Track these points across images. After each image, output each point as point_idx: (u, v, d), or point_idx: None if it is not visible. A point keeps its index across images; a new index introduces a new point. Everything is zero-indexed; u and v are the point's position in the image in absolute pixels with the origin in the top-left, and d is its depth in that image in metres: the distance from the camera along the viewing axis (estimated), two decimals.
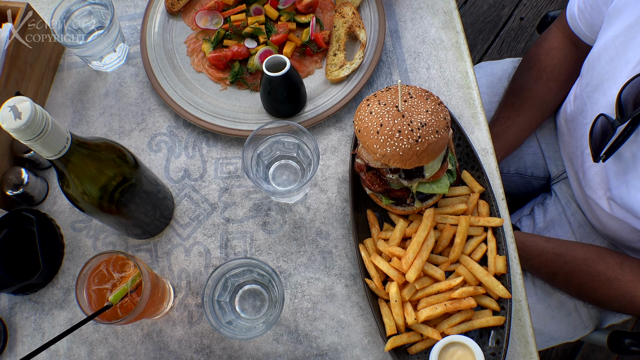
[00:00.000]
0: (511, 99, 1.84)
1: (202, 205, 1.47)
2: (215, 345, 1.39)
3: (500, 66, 1.99)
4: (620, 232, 1.62)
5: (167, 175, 1.50)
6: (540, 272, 1.70)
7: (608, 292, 1.56)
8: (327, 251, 1.44)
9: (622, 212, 1.49)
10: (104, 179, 1.20)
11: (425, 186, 1.38)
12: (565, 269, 1.63)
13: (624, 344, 1.66)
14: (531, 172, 1.98)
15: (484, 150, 1.51)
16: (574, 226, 1.81)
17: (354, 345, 1.39)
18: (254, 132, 1.33)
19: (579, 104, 1.62)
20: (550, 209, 1.86)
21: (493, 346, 1.36)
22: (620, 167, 1.45)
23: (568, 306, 1.78)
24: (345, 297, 1.41)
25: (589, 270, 1.59)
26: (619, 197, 1.46)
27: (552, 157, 1.93)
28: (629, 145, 1.41)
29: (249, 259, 1.27)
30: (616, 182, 1.47)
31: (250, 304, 1.39)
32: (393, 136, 1.25)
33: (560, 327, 1.79)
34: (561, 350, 2.81)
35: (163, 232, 1.46)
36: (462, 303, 1.33)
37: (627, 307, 1.55)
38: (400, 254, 1.34)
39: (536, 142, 1.95)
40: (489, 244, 1.40)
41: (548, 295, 1.77)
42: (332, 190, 1.48)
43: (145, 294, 1.21)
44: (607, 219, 1.62)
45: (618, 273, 1.55)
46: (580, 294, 1.64)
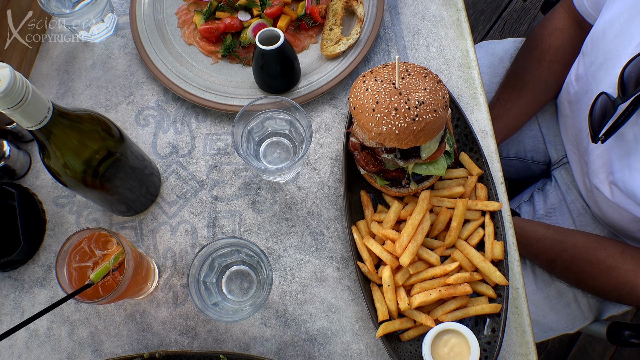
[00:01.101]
0: (512, 81, 1.79)
1: (190, 182, 1.42)
2: (201, 327, 1.34)
3: (502, 46, 1.94)
4: (620, 221, 1.57)
5: (154, 151, 1.44)
6: (539, 259, 1.65)
7: (607, 280, 1.51)
8: (319, 233, 1.39)
9: (624, 198, 1.44)
10: (88, 152, 1.15)
11: (421, 167, 1.32)
12: (564, 256, 1.58)
13: (623, 335, 1.62)
14: (531, 156, 1.93)
15: (483, 132, 1.45)
16: (574, 214, 1.76)
17: (345, 331, 1.34)
18: (245, 107, 1.27)
19: (584, 84, 1.57)
20: (551, 195, 1.81)
21: (489, 335, 1.31)
22: (622, 150, 1.41)
23: (567, 296, 1.73)
24: (336, 281, 1.36)
25: (589, 258, 1.54)
26: (622, 180, 1.41)
27: (552, 141, 1.88)
28: (631, 126, 1.36)
29: (237, 238, 1.22)
30: (619, 165, 1.42)
31: (238, 285, 1.34)
32: (389, 114, 1.20)
33: (559, 318, 1.75)
34: (557, 342, 2.78)
35: (149, 209, 1.40)
36: (458, 289, 1.29)
37: (626, 297, 1.50)
38: (394, 237, 1.29)
39: (537, 126, 1.89)
40: (487, 228, 1.35)
41: (547, 285, 1.73)
42: (325, 169, 1.43)
43: (127, 273, 1.16)
44: (608, 207, 1.57)
45: (618, 261, 1.51)
46: (579, 282, 1.59)
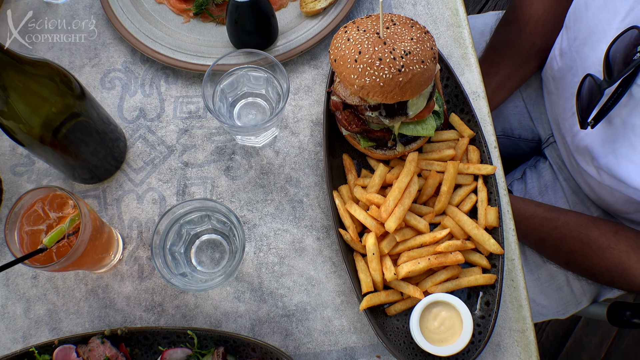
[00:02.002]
0: (490, 55, 1.70)
1: (158, 147, 1.31)
2: (168, 303, 1.23)
3: (482, 20, 1.84)
4: (614, 203, 1.47)
5: (120, 115, 1.33)
6: (528, 238, 1.54)
7: (599, 261, 1.41)
8: (297, 200, 1.28)
9: (613, 181, 1.35)
10: (45, 106, 1.05)
11: (408, 127, 1.22)
12: (554, 235, 1.48)
13: (625, 316, 1.52)
14: (518, 134, 1.83)
15: (475, 94, 1.36)
16: (567, 192, 1.66)
17: (325, 305, 1.23)
18: (217, 61, 1.17)
19: (568, 60, 1.47)
20: (544, 173, 1.71)
21: (482, 308, 1.21)
22: (608, 135, 1.31)
23: (559, 280, 1.63)
24: (316, 252, 1.26)
25: (581, 237, 1.44)
26: (607, 166, 1.32)
27: (539, 119, 1.78)
28: (619, 109, 1.26)
29: (206, 200, 1.11)
30: (603, 151, 1.32)
31: (209, 256, 1.22)
32: (373, 65, 1.10)
33: (549, 302, 1.65)
34: (552, 334, 2.68)
35: (113, 176, 1.29)
36: (448, 258, 1.18)
37: (618, 280, 1.40)
38: (379, 202, 1.19)
39: (522, 102, 1.80)
40: (480, 194, 1.25)
41: (538, 267, 1.63)
42: (305, 133, 1.32)
43: (84, 236, 1.05)
44: (599, 188, 1.47)
45: (612, 241, 1.41)
46: (569, 263, 1.49)
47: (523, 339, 1.22)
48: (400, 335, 1.20)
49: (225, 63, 1.20)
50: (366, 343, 1.22)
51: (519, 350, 1.22)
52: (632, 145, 1.24)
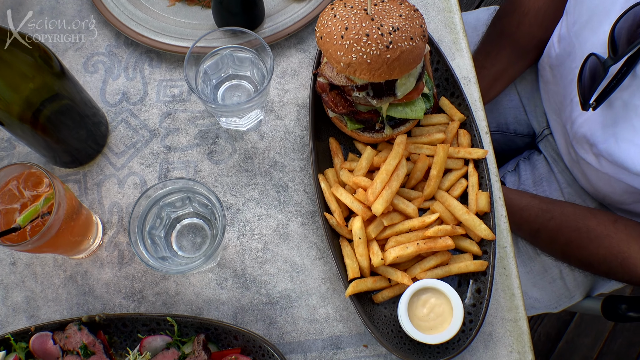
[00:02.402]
0: (487, 46, 1.67)
1: (141, 131, 1.28)
2: (148, 290, 1.19)
3: (474, 15, 1.82)
4: (612, 193, 1.43)
5: (102, 99, 1.30)
6: (522, 229, 1.50)
7: (597, 250, 1.36)
8: (282, 185, 1.25)
9: (612, 167, 1.30)
10: (22, 82, 1.02)
11: (397, 109, 1.19)
12: (550, 226, 1.43)
13: (620, 309, 1.46)
14: (514, 128, 1.79)
15: (466, 79, 1.32)
16: (562, 185, 1.62)
17: (310, 293, 1.19)
18: (201, 37, 1.15)
19: (566, 46, 1.44)
20: (539, 165, 1.67)
21: (473, 296, 1.16)
22: (608, 119, 1.28)
23: (552, 273, 1.58)
24: (301, 237, 1.22)
25: (578, 226, 1.39)
26: (607, 152, 1.27)
27: (533, 112, 1.74)
28: (620, 92, 1.23)
29: (186, 179, 1.07)
30: (603, 136, 1.28)
31: (190, 240, 1.18)
32: (360, 41, 1.07)
33: (542, 295, 1.60)
34: (544, 335, 2.63)
35: (94, 160, 1.26)
36: (438, 243, 1.14)
37: (616, 270, 1.35)
38: (366, 185, 1.15)
39: (517, 96, 1.76)
40: (470, 179, 1.21)
41: (531, 259, 1.58)
42: (291, 117, 1.29)
43: (58, 214, 1.01)
44: (597, 179, 1.43)
45: (611, 230, 1.36)
46: (565, 254, 1.44)
47: (516, 329, 1.18)
48: (388, 324, 1.16)
49: (207, 45, 1.17)
50: (353, 332, 1.17)
51: (512, 340, 1.17)
52: (634, 127, 1.20)
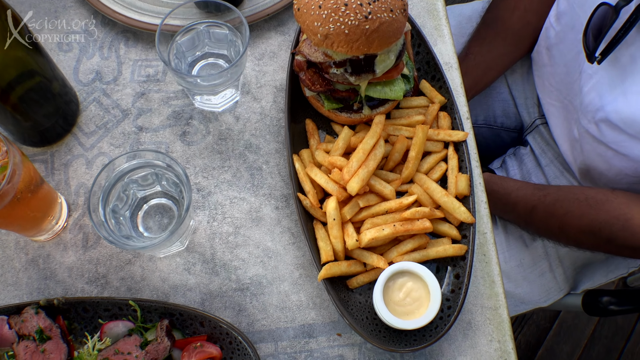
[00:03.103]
0: (483, 32, 1.65)
1: (113, 111, 1.24)
2: (113, 275, 1.13)
3: (470, 7, 1.80)
4: (608, 171, 1.39)
5: (75, 78, 1.27)
6: (517, 209, 1.44)
7: (598, 215, 1.31)
8: (256, 167, 1.20)
9: (614, 134, 1.28)
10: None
11: (376, 89, 1.16)
12: (547, 200, 1.39)
13: (601, 303, 1.40)
14: (501, 122, 1.76)
15: (448, 65, 1.29)
16: (550, 177, 1.58)
17: (282, 279, 1.13)
18: (175, 8, 1.12)
19: (568, 20, 1.42)
20: (526, 159, 1.64)
21: (452, 282, 1.11)
22: (616, 77, 1.26)
23: (542, 265, 1.54)
24: (274, 221, 1.17)
25: (576, 196, 1.35)
26: (616, 111, 1.24)
27: (524, 104, 1.72)
28: (626, 47, 1.22)
29: (154, 151, 1.03)
30: (611, 96, 1.26)
31: (157, 221, 1.13)
32: (338, 10, 1.04)
33: (532, 289, 1.54)
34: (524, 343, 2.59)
35: (63, 140, 1.22)
36: (415, 225, 1.09)
37: (619, 233, 1.28)
38: (342, 164, 1.11)
39: (506, 89, 1.74)
40: (450, 162, 1.17)
41: (520, 251, 1.53)
42: (267, 99, 1.25)
43: (12, 182, 0.96)
44: (595, 155, 1.39)
45: (610, 195, 1.32)
46: (563, 227, 1.37)
47: (496, 317, 1.12)
48: (363, 311, 1.10)
49: (183, 23, 1.14)
50: (326, 320, 1.12)
51: (492, 328, 1.12)
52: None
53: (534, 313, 2.62)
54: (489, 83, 1.67)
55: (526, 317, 2.62)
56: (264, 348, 1.10)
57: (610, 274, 1.61)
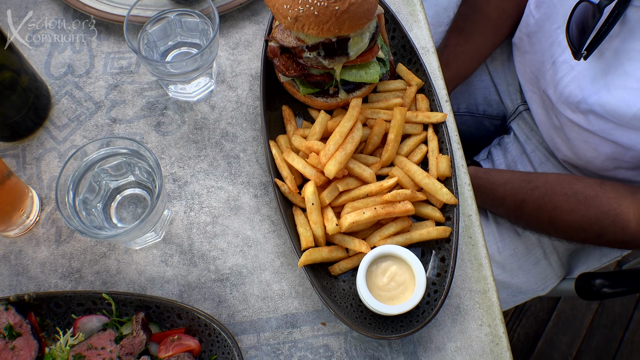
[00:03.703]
0: (460, 23, 1.64)
1: (85, 104, 1.21)
2: (87, 269, 1.10)
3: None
4: (595, 158, 1.37)
5: (46, 72, 1.24)
6: (506, 203, 1.42)
7: (587, 211, 1.29)
8: (234, 156, 1.18)
9: (602, 123, 1.27)
10: None
11: (351, 72, 1.14)
12: (535, 194, 1.37)
13: (594, 286, 1.37)
14: (483, 110, 1.75)
15: (425, 49, 1.28)
16: (536, 163, 1.57)
17: (263, 268, 1.10)
18: None
19: (546, 10, 1.43)
20: (511, 148, 1.62)
21: (438, 265, 1.08)
22: (598, 71, 1.26)
23: (536, 253, 1.51)
24: (253, 210, 1.14)
25: (564, 191, 1.33)
26: (599, 103, 1.25)
27: (506, 90, 1.71)
28: (610, 41, 1.22)
29: (119, 137, 1.00)
30: (593, 89, 1.26)
31: (131, 212, 1.10)
32: None
33: (528, 278, 1.52)
34: (523, 335, 2.56)
35: (34, 134, 1.19)
36: (397, 208, 1.07)
37: (609, 229, 1.27)
38: (319, 149, 1.08)
39: (487, 76, 1.73)
40: (430, 143, 1.15)
41: (513, 241, 1.51)
42: (243, 87, 1.23)
43: None
44: (582, 143, 1.37)
45: (598, 190, 1.30)
46: (552, 222, 1.36)
47: (485, 301, 1.09)
48: (347, 298, 1.07)
49: (149, 16, 1.12)
50: (309, 309, 1.08)
51: (481, 312, 1.09)
52: (626, 71, 1.19)
53: (531, 305, 2.60)
54: (470, 73, 1.67)
55: (524, 309, 2.59)
56: (245, 340, 1.06)
57: (604, 258, 1.59)
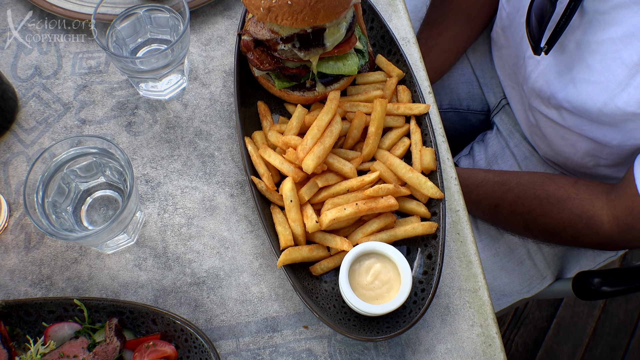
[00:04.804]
0: (432, 15, 1.61)
1: (53, 105, 1.17)
2: (58, 275, 1.05)
3: None
4: (574, 155, 1.33)
5: (13, 74, 1.19)
6: (481, 207, 1.38)
7: (560, 214, 1.25)
8: (208, 154, 1.13)
9: (575, 119, 1.23)
10: None
11: (328, 64, 1.10)
12: (508, 197, 1.33)
13: (593, 285, 1.32)
14: (467, 105, 1.70)
15: (405, 40, 1.24)
16: (519, 158, 1.52)
17: (241, 270, 1.05)
18: None
19: (515, 2, 1.39)
20: (492, 143, 1.58)
21: (424, 263, 1.03)
22: (563, 65, 1.23)
23: (519, 253, 1.46)
24: (229, 210, 1.09)
25: (537, 193, 1.29)
26: (567, 99, 1.22)
27: (488, 83, 1.67)
28: (571, 33, 1.19)
29: (88, 136, 0.96)
30: (560, 84, 1.23)
31: (102, 214, 1.05)
32: None
33: (512, 279, 1.47)
34: (522, 345, 2.47)
35: (1, 138, 1.14)
36: (380, 203, 1.02)
37: (582, 232, 1.23)
38: (296, 144, 1.04)
39: (470, 69, 1.69)
40: (413, 136, 1.10)
41: (494, 240, 1.46)
42: (217, 84, 1.19)
43: None
44: (559, 139, 1.34)
45: (571, 192, 1.26)
46: (527, 226, 1.32)
47: (476, 299, 1.05)
48: (330, 299, 1.03)
49: (118, 14, 1.08)
50: (290, 312, 1.03)
51: (472, 312, 1.04)
52: (589, 65, 1.15)
53: (529, 312, 2.51)
54: (448, 67, 1.63)
55: (522, 317, 2.50)
56: (224, 345, 1.01)
57: (597, 258, 1.54)
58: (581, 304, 2.50)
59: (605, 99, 1.14)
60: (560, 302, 2.51)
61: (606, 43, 1.13)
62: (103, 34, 1.08)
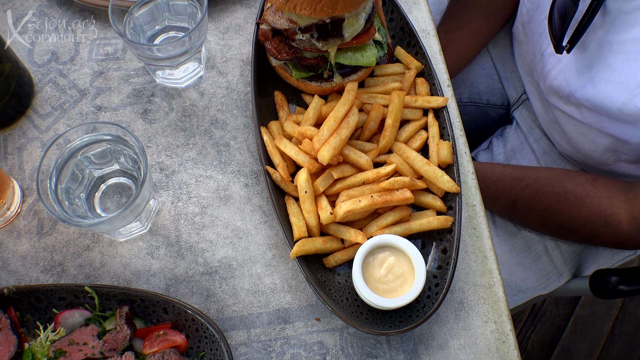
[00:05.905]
0: (452, 9, 1.59)
1: (70, 91, 1.16)
2: (70, 262, 1.04)
3: None
4: (594, 151, 1.32)
5: (30, 59, 1.19)
6: (498, 202, 1.37)
7: (578, 212, 1.24)
8: (224, 143, 1.12)
9: (594, 116, 1.22)
10: None
11: (346, 55, 1.08)
12: (526, 193, 1.31)
13: (610, 283, 1.31)
14: (487, 99, 1.68)
15: (425, 32, 1.22)
16: (539, 153, 1.50)
17: (254, 261, 1.04)
18: None
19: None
20: (511, 137, 1.56)
21: (439, 257, 1.02)
22: (583, 64, 1.21)
23: (537, 248, 1.45)
24: (244, 200, 1.08)
25: (555, 190, 1.27)
26: (585, 98, 1.20)
27: (509, 78, 1.65)
28: (593, 32, 1.17)
29: (103, 123, 0.95)
30: (579, 83, 1.21)
31: (115, 202, 1.05)
32: None
33: (528, 275, 1.45)
34: (538, 343, 2.44)
35: (16, 123, 1.14)
36: (395, 196, 1.01)
37: (600, 230, 1.21)
38: (312, 134, 1.03)
39: (490, 63, 1.67)
40: (430, 129, 1.09)
41: (511, 236, 1.44)
42: (234, 73, 1.18)
43: None
44: (579, 135, 1.32)
45: (590, 190, 1.24)
46: (545, 222, 1.31)
47: (490, 295, 1.03)
48: (342, 292, 1.01)
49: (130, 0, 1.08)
50: (303, 303, 1.03)
51: (487, 308, 1.02)
52: (610, 65, 1.14)
53: (546, 310, 2.48)
54: (467, 62, 1.61)
55: (538, 315, 2.47)
56: (235, 336, 1.00)
57: (616, 256, 1.51)
58: (599, 302, 2.47)
59: (625, 99, 1.13)
60: (577, 300, 2.49)
61: (628, 43, 1.12)
62: (120, 20, 1.07)
